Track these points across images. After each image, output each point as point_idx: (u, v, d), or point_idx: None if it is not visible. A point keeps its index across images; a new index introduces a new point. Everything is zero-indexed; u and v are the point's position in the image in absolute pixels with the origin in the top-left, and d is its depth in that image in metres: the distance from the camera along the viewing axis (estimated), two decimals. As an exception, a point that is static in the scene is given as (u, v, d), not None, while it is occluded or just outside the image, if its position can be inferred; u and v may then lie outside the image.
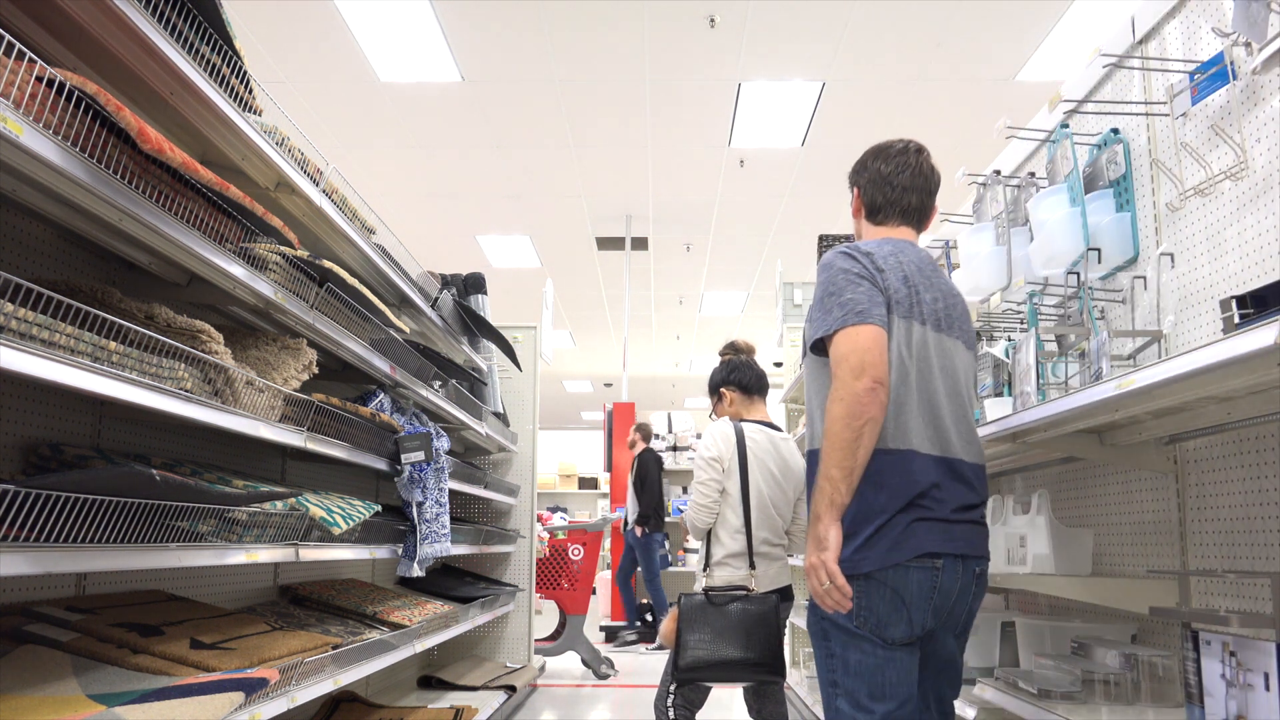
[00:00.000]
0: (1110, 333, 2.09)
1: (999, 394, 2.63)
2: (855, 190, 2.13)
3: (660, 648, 7.82)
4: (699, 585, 3.02)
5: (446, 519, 3.61)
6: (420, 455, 3.23)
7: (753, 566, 2.98)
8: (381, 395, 3.30)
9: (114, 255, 2.29)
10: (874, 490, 1.81)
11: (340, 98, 6.54)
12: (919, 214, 2.07)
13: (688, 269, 10.58)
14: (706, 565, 3.01)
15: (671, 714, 3.06)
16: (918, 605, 1.81)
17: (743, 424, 3.13)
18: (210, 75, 2.03)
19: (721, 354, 3.42)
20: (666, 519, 9.07)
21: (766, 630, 2.83)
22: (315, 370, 2.55)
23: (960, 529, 1.86)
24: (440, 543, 3.51)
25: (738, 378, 3.26)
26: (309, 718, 3.51)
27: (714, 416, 3.34)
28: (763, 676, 2.85)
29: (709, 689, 3.17)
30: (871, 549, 1.79)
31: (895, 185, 2.04)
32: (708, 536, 3.04)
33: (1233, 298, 1.45)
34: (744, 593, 2.91)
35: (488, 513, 5.85)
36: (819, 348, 1.90)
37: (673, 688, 3.04)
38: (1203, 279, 2.10)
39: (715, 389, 3.31)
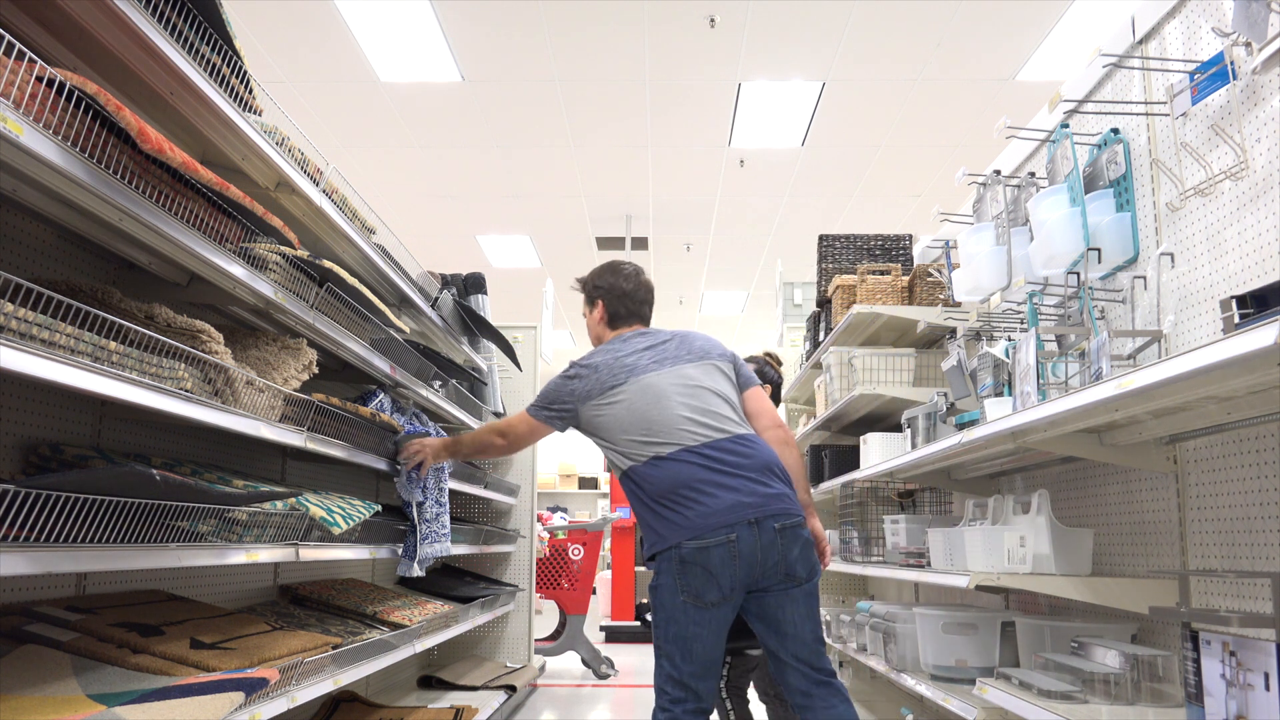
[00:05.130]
0: (1110, 333, 2.09)
1: (999, 394, 2.63)
2: (599, 303, 2.78)
3: None
4: None
5: (446, 519, 3.61)
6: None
7: None
8: (381, 395, 3.30)
9: (114, 255, 2.29)
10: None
11: (340, 98, 6.54)
12: (637, 318, 2.78)
13: (688, 269, 10.58)
14: None
15: (730, 704, 3.17)
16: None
17: None
18: (210, 75, 2.03)
19: (749, 359, 3.68)
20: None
21: None
22: (315, 370, 2.55)
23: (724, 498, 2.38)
24: (440, 543, 3.51)
25: (770, 380, 3.59)
26: (309, 718, 3.51)
27: None
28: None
29: (750, 676, 3.27)
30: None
31: (635, 299, 2.77)
32: None
33: (1233, 298, 1.45)
34: None
35: (488, 513, 5.85)
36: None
37: (725, 670, 3.15)
38: (1203, 279, 2.10)
39: (761, 378, 3.54)
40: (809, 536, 2.42)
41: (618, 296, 2.77)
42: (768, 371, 3.67)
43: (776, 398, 3.72)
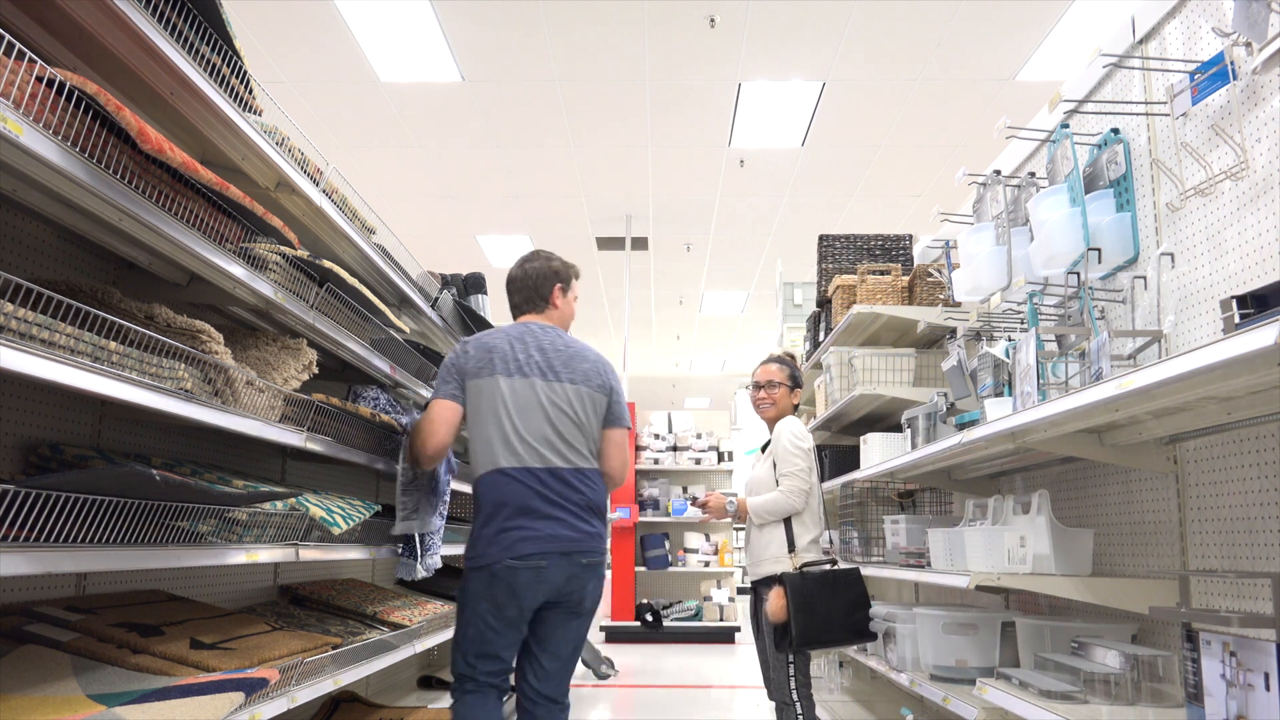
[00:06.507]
0: (1110, 333, 2.09)
1: (999, 394, 2.63)
2: None
3: None
4: (779, 567, 3.24)
5: (442, 530, 3.60)
6: (415, 523, 3.13)
7: (832, 542, 3.48)
8: (373, 390, 3.26)
9: (114, 255, 2.29)
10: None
11: (340, 98, 6.54)
12: (529, 305, 2.89)
13: (688, 269, 10.58)
14: (792, 548, 3.24)
15: (799, 707, 3.21)
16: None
17: None
18: (210, 75, 2.03)
19: (776, 359, 3.68)
20: (667, 519, 9.07)
21: (861, 594, 3.20)
22: (315, 370, 2.55)
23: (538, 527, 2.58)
24: (437, 556, 3.51)
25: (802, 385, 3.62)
26: (309, 718, 3.51)
27: (760, 395, 3.58)
28: (862, 638, 3.19)
29: (808, 675, 3.39)
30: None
31: (509, 292, 2.92)
32: (787, 522, 3.27)
33: (1233, 298, 1.45)
34: (833, 564, 3.23)
35: (488, 513, 5.83)
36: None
37: (792, 671, 3.23)
38: (1203, 279, 2.10)
39: (795, 381, 3.57)
40: (603, 575, 2.72)
41: (508, 285, 2.94)
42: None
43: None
